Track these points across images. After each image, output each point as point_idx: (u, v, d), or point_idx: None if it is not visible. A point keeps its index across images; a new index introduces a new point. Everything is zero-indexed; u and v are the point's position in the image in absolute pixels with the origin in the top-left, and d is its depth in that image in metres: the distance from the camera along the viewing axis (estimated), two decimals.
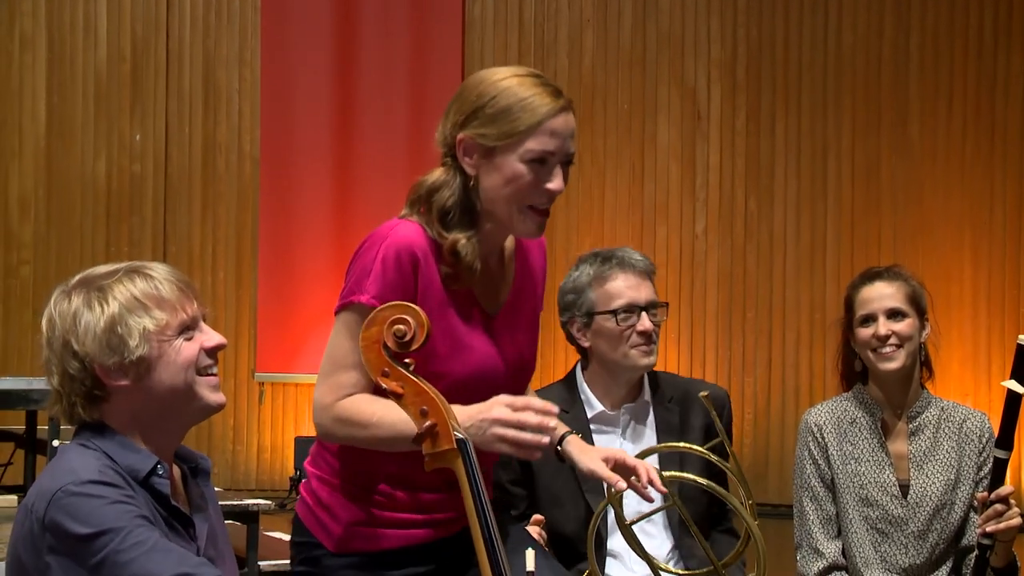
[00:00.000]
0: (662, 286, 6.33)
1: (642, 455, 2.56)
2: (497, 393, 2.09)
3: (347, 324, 2.16)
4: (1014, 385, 2.51)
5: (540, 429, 2.03)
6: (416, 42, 7.02)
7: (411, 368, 2.01)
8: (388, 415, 2.09)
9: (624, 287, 2.78)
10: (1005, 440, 2.58)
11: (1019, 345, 2.56)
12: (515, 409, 2.03)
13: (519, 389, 2.29)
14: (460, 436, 1.99)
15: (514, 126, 2.15)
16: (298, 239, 7.29)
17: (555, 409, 2.05)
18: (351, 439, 2.16)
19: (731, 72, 6.98)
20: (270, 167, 7.31)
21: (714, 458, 2.52)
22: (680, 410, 2.80)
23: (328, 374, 2.17)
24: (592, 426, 2.80)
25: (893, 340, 2.78)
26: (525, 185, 2.15)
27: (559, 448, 2.27)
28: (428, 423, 2.00)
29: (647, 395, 2.83)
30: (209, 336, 1.99)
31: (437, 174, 2.26)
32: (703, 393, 2.57)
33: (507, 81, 2.19)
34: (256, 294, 7.29)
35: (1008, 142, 6.75)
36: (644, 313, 2.78)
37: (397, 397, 2.01)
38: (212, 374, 1.99)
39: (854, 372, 2.89)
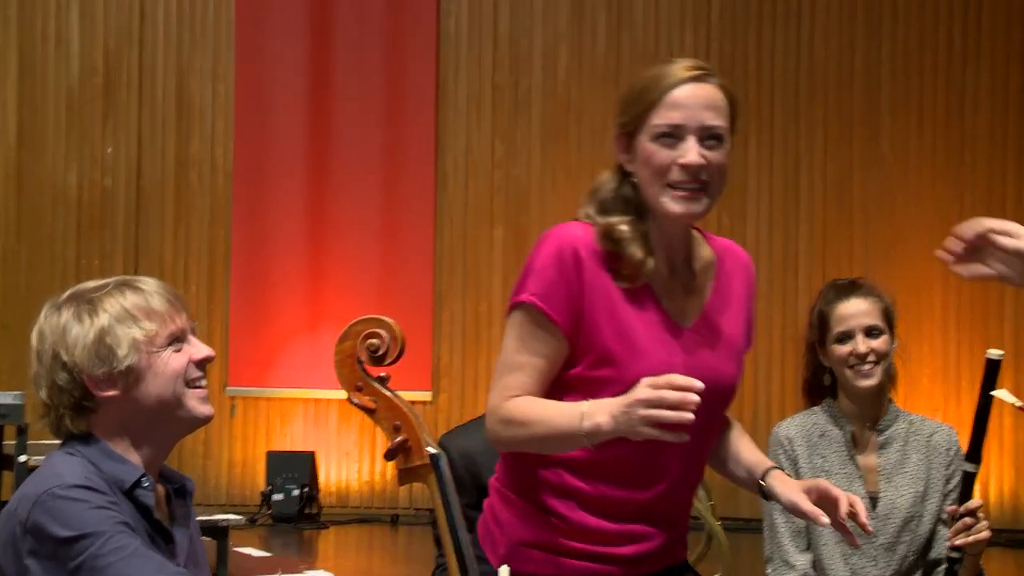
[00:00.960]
0: None
1: None
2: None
3: (512, 325, 2.08)
4: (1006, 395, 2.49)
5: (682, 405, 1.88)
6: (390, 56, 7.03)
7: (386, 382, 2.01)
8: (548, 412, 2.02)
9: None
10: (974, 454, 2.59)
11: (988, 359, 2.58)
12: (656, 388, 1.90)
13: (713, 417, 2.13)
14: (433, 452, 1.99)
15: (641, 105, 2.06)
16: (270, 254, 7.27)
17: (699, 385, 1.89)
18: (515, 441, 2.06)
19: None
20: (243, 181, 7.29)
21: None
22: None
23: (497, 378, 2.09)
24: None
25: (871, 357, 2.79)
26: (659, 163, 2.04)
27: (762, 484, 2.14)
28: (400, 438, 1.99)
29: None
30: (198, 348, 1.99)
31: (604, 175, 2.17)
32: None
33: (651, 70, 2.11)
34: (228, 308, 7.27)
35: (977, 154, 6.82)
36: None
37: (370, 412, 2.01)
38: (200, 386, 1.99)
39: (822, 387, 2.91)
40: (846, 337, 2.81)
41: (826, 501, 2.08)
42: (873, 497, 2.84)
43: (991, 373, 2.58)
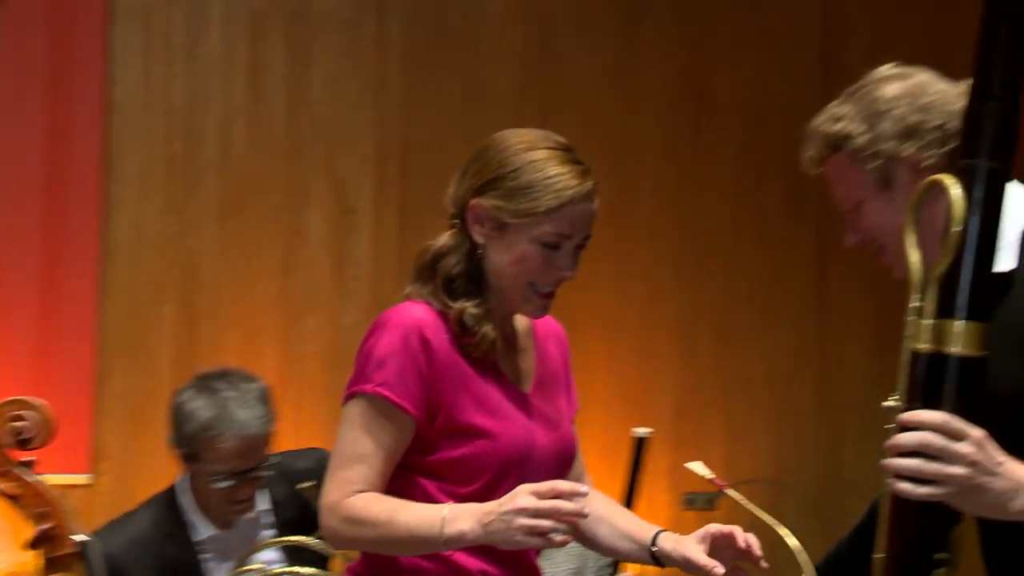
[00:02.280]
0: (309, 380, 6.31)
1: (249, 553, 2.52)
2: (549, 478, 1.90)
3: (351, 416, 2.00)
4: (699, 467, 2.46)
5: (569, 516, 1.84)
6: (52, 126, 6.72)
7: (32, 467, 1.90)
8: (400, 514, 1.93)
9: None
10: None
11: (637, 437, 2.71)
12: (541, 496, 1.84)
13: (565, 476, 2.09)
14: (82, 539, 1.90)
15: (533, 206, 2.03)
16: None
17: (584, 490, 1.86)
18: (360, 542, 1.98)
19: (382, 168, 7.10)
20: None
21: (320, 546, 2.49)
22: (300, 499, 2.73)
23: (334, 470, 1.99)
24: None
25: None
26: (534, 267, 2.05)
27: (654, 550, 2.09)
28: (45, 526, 1.89)
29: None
30: None
31: (444, 239, 2.13)
32: (306, 484, 2.52)
33: (534, 154, 2.07)
34: None
35: (638, 245, 7.21)
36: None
37: (13, 499, 1.90)
38: None
39: None
40: None
41: (721, 542, 2.06)
42: None
43: (639, 450, 2.71)
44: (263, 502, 2.71)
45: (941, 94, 1.81)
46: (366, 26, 6.88)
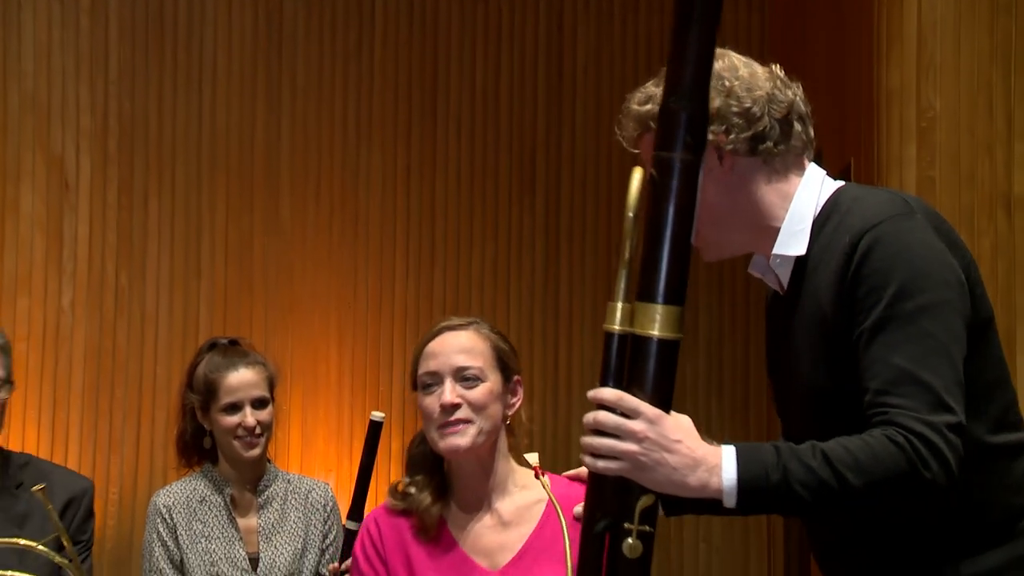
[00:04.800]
0: (22, 362, 5.99)
1: None
2: None
3: None
4: (533, 458, 2.51)
5: None
6: None
7: None
8: None
9: None
10: (356, 511, 2.70)
11: (371, 420, 2.72)
12: None
13: None
14: None
15: (413, 363, 2.31)
16: None
17: None
18: None
19: (102, 144, 6.81)
20: None
21: (47, 552, 2.40)
22: (30, 498, 2.64)
23: None
24: None
25: (258, 430, 2.83)
26: (426, 409, 2.23)
27: None
28: None
29: None
30: None
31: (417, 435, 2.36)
32: (37, 487, 2.43)
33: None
34: None
35: (370, 229, 7.19)
36: None
37: None
38: None
39: (203, 450, 2.90)
40: (234, 408, 2.82)
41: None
42: (253, 558, 2.86)
43: (374, 433, 2.72)
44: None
45: (749, 78, 1.81)
46: None
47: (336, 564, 2.71)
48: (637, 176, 1.66)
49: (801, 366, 1.80)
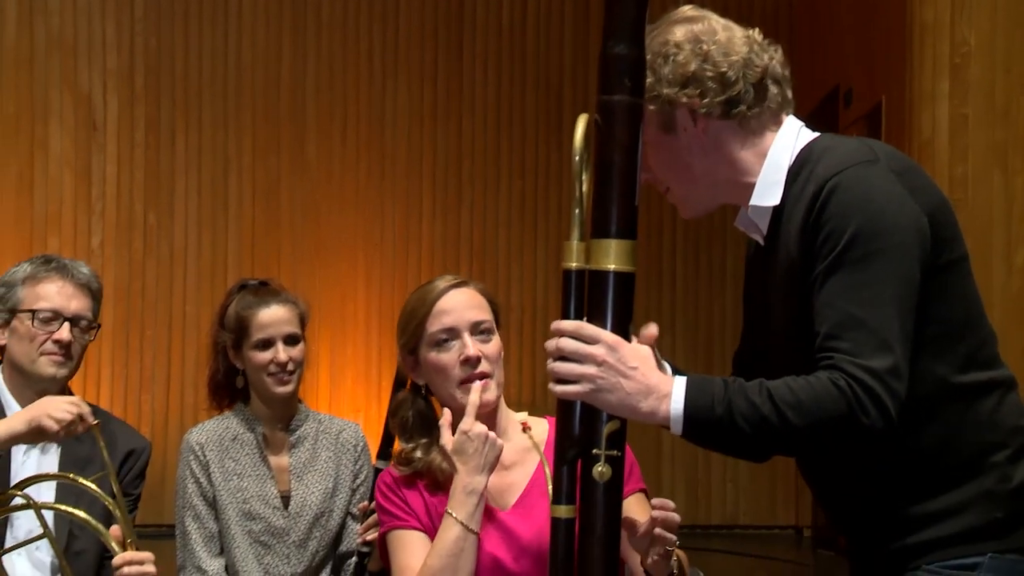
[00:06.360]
0: None
1: (24, 484, 2.43)
2: None
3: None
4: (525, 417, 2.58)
5: None
6: None
7: None
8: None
9: (55, 292, 2.71)
10: (385, 452, 2.72)
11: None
12: None
13: None
14: None
15: (415, 321, 2.28)
16: None
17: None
18: None
19: (129, 82, 6.81)
20: None
21: (92, 488, 2.43)
22: (93, 444, 2.67)
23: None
24: None
25: (290, 366, 2.84)
26: (444, 365, 2.25)
27: None
28: None
29: None
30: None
31: (400, 396, 2.37)
32: (94, 422, 2.47)
33: (417, 291, 2.35)
34: None
35: (396, 168, 7.18)
36: (67, 323, 2.73)
37: None
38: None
39: (236, 390, 2.92)
40: (266, 344, 2.84)
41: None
42: (285, 496, 2.89)
43: (402, 376, 2.73)
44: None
45: (726, 43, 1.85)
46: None
47: (366, 503, 2.73)
48: (582, 122, 1.72)
49: (775, 312, 1.85)
